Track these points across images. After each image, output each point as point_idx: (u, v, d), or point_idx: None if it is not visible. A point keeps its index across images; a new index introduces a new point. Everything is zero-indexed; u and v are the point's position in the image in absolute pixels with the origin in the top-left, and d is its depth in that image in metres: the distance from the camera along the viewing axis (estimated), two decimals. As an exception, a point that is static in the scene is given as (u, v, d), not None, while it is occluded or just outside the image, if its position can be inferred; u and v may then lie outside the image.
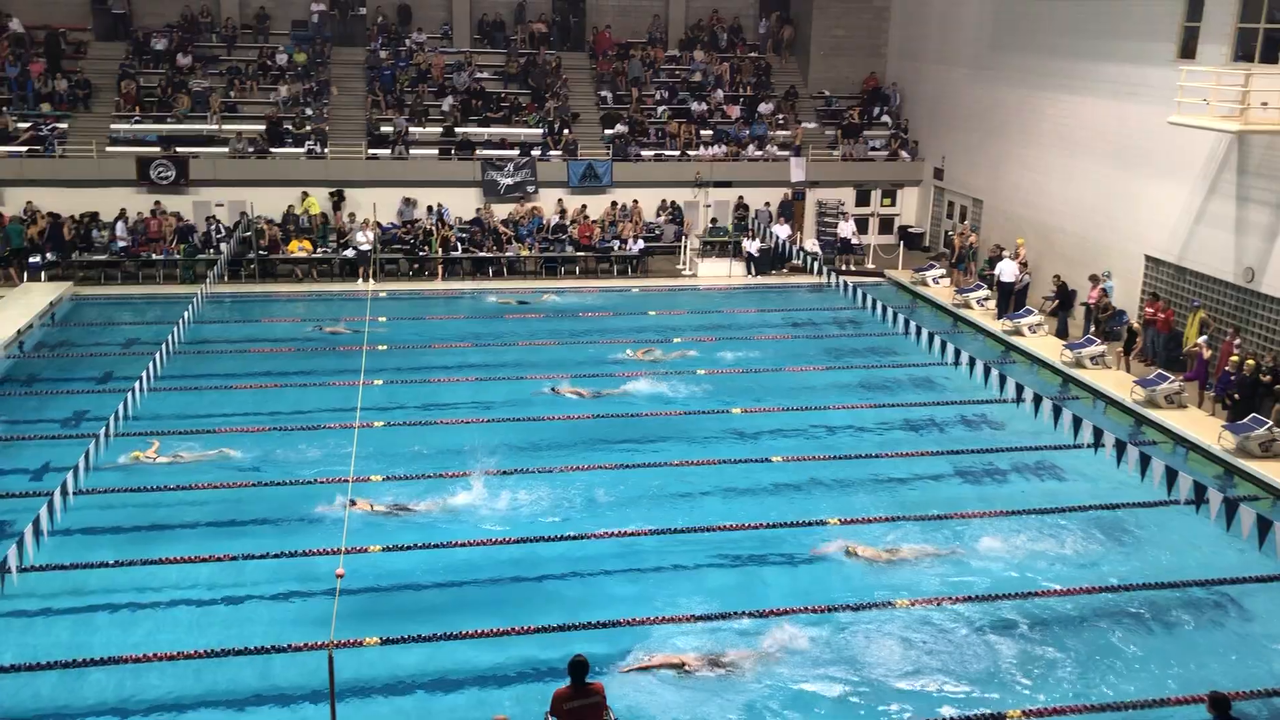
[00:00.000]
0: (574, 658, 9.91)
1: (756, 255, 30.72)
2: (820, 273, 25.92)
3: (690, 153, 33.49)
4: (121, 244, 28.57)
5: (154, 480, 16.53)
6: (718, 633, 12.97)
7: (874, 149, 34.79)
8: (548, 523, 15.69)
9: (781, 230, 30.89)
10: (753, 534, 15.41)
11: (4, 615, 12.50)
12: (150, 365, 17.16)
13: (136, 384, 16.45)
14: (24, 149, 30.15)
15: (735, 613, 13.29)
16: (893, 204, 34.90)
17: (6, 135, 30.29)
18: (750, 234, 31.41)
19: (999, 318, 25.68)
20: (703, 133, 34.33)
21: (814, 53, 36.96)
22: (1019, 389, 17.05)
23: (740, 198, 32.93)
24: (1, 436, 18.47)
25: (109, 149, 30.60)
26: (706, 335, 25.22)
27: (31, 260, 27.67)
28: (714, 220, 32.55)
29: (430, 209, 31.21)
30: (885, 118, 35.84)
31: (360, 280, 28.90)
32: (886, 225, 34.91)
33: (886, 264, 31.88)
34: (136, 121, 31.71)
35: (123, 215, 29.12)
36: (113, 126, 31.47)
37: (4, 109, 31.11)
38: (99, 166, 30.06)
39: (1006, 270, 26.05)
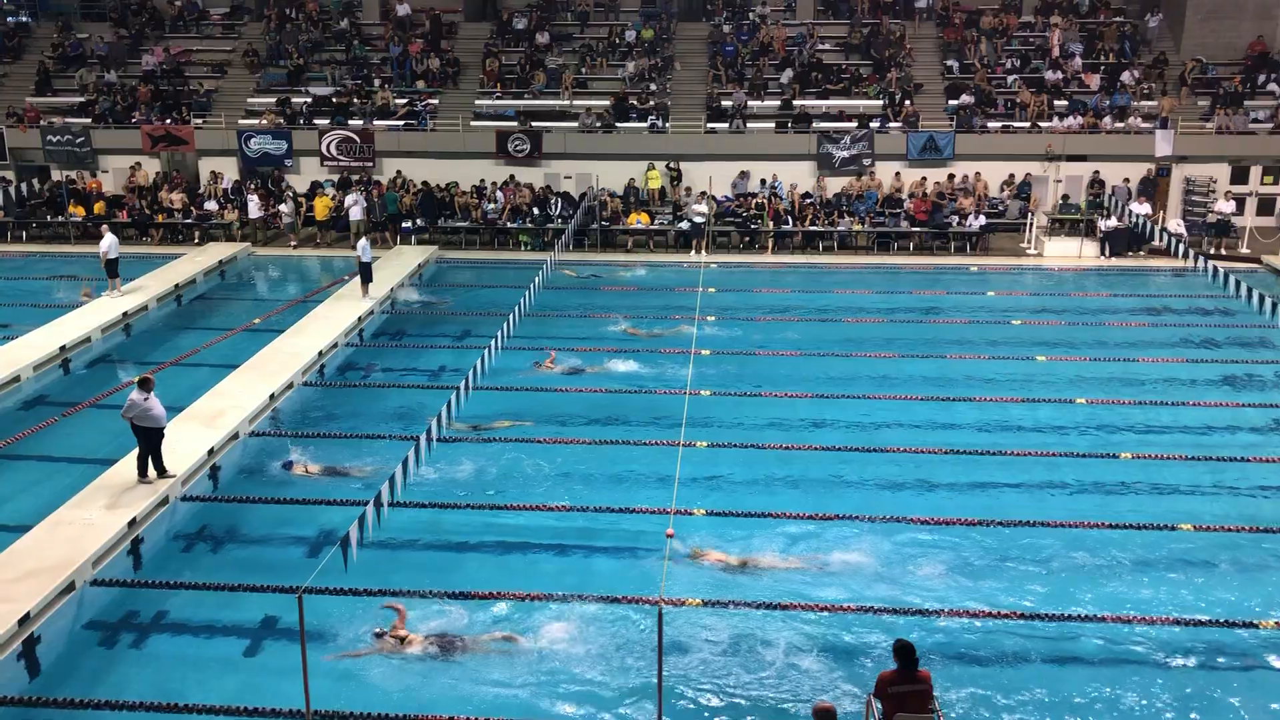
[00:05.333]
0: (899, 641, 9.68)
1: (1111, 235, 28.57)
2: (1185, 256, 23.71)
3: (1041, 124, 31.58)
4: (493, 213, 30.74)
5: (504, 432, 17.74)
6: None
7: (1256, 121, 31.30)
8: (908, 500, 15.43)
9: (1141, 208, 28.53)
10: (1104, 532, 14.42)
11: (376, 547, 13.81)
12: (504, 326, 18.41)
13: (492, 342, 17.66)
14: (401, 123, 33.13)
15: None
16: (1276, 182, 31.32)
17: (387, 110, 33.38)
18: (1105, 212, 29.25)
19: None
20: (1056, 103, 32.28)
21: (1190, 16, 33.69)
22: None
23: (1096, 173, 30.70)
24: (377, 384, 20.53)
25: (473, 123, 33.00)
26: (1050, 319, 23.82)
27: (404, 225, 30.41)
28: (1065, 196, 30.57)
29: (763, 182, 31.40)
30: (1272, 86, 32.13)
31: (693, 252, 29.55)
32: (1267, 206, 31.39)
33: (1265, 249, 28.68)
34: (497, 97, 33.98)
35: (505, 185, 31.49)
36: (476, 102, 33.93)
37: (386, 86, 34.28)
38: (463, 140, 32.52)
39: None
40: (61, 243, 30.72)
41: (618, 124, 32.71)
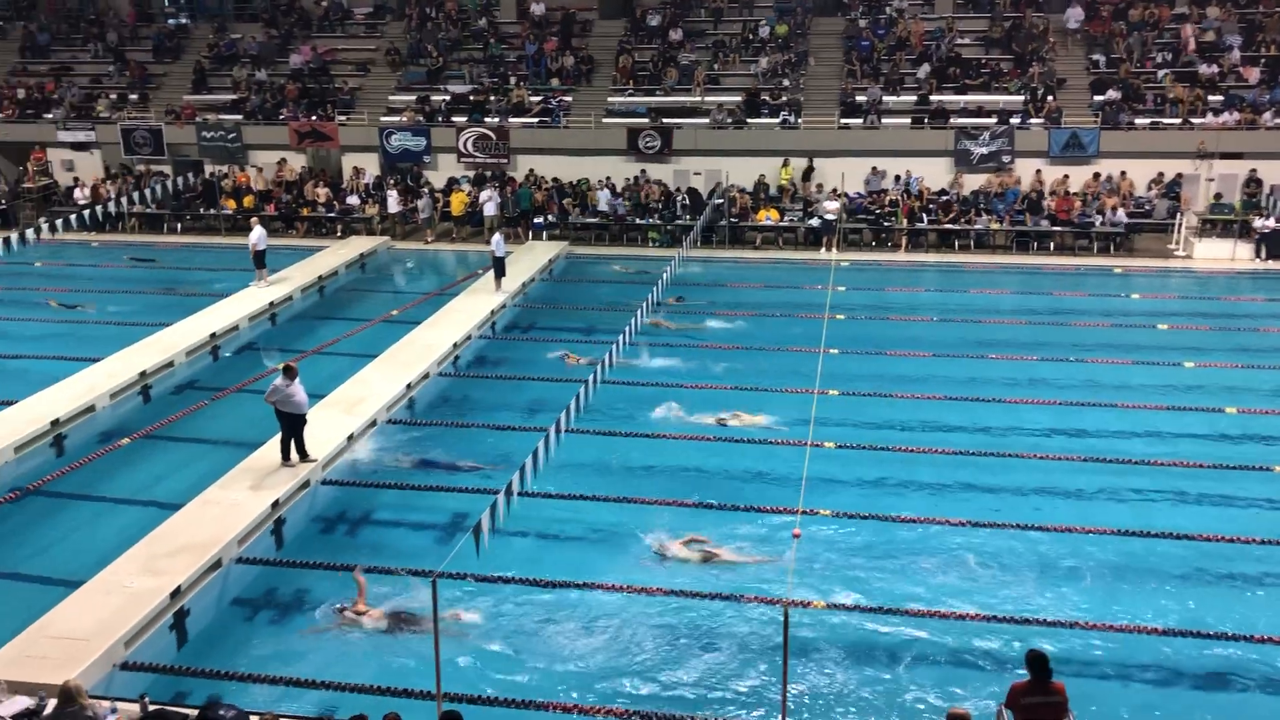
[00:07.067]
0: (1032, 651, 9.40)
1: (1269, 236, 27.15)
2: (1351, 260, 22.42)
3: (1194, 120, 30.19)
4: (622, 209, 31.00)
5: (632, 427, 17.84)
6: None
7: None
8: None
9: (1302, 209, 27.09)
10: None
11: (505, 534, 14.07)
12: (632, 321, 18.52)
13: (620, 337, 17.80)
14: (535, 120, 33.63)
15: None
16: None
17: (522, 108, 33.93)
18: (1264, 212, 27.81)
19: None
20: (1211, 98, 30.80)
21: (1362, 3, 31.79)
22: None
23: (1253, 171, 29.20)
24: (507, 376, 20.91)
25: (605, 120, 33.28)
26: (1199, 324, 22.81)
27: (536, 221, 30.90)
28: (1218, 196, 29.17)
29: (898, 179, 30.85)
30: None
31: (823, 249, 29.22)
32: None
33: None
34: (630, 94, 34.18)
35: (636, 180, 31.88)
36: (609, 99, 34.19)
37: (521, 83, 34.85)
38: (595, 137, 32.80)
39: None
40: (213, 234, 32.16)
41: (749, 120, 32.54)
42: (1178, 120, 30.37)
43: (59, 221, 26.68)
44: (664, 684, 11.44)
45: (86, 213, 27.88)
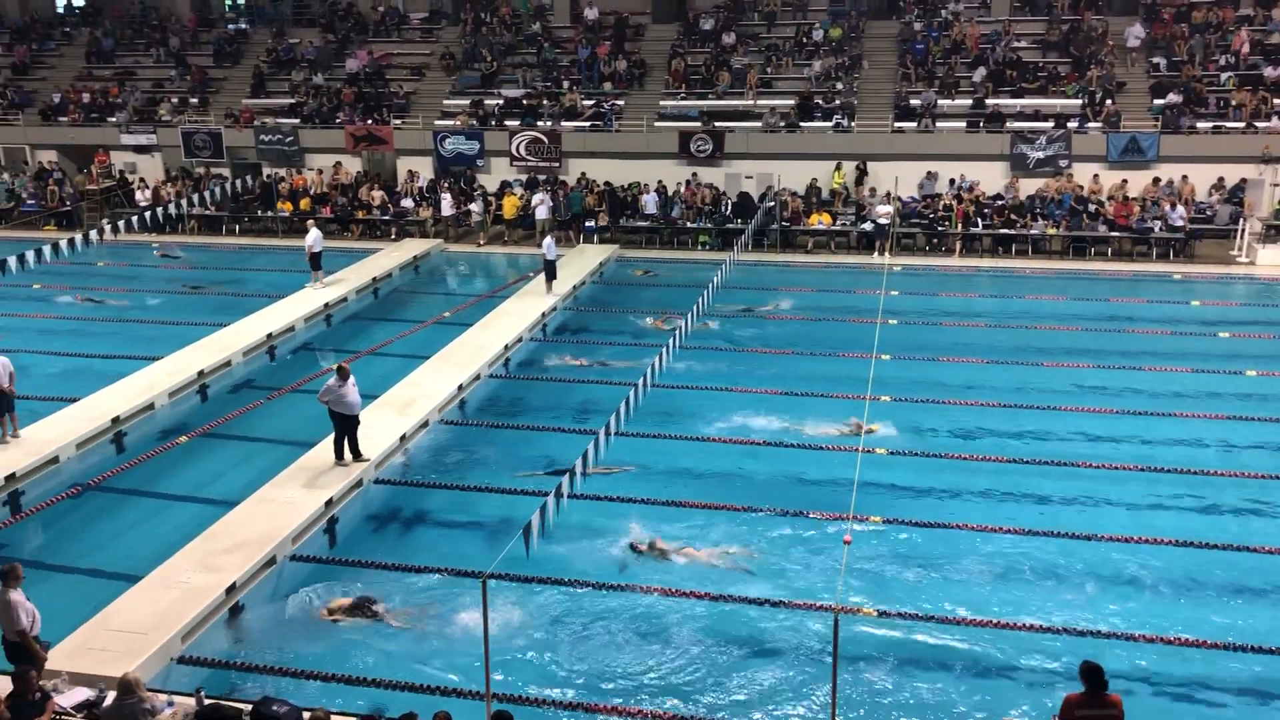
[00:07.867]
0: (1087, 664, 9.25)
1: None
2: None
3: (1258, 124, 29.57)
4: (676, 212, 30.97)
5: (684, 429, 17.83)
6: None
7: None
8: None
9: (1370, 215, 26.41)
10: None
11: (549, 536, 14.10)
12: (681, 325, 18.50)
13: (670, 341, 17.80)
14: (587, 124, 33.73)
15: None
16: None
17: (574, 112, 34.05)
18: (1328, 218, 27.21)
19: None
20: (1276, 102, 30.15)
21: None
22: None
23: (1320, 176, 28.60)
24: (556, 378, 20.98)
25: (657, 124, 33.29)
26: (1262, 332, 22.33)
27: (587, 224, 30.99)
28: (1282, 201, 28.59)
29: (952, 182, 30.55)
30: None
31: (875, 254, 29.00)
32: None
33: None
34: (682, 98, 34.18)
35: (687, 184, 31.83)
36: (661, 103, 34.21)
37: (574, 87, 34.98)
38: (647, 140, 32.84)
39: None
40: (270, 236, 32.63)
41: (801, 123, 32.39)
42: (1241, 124, 29.78)
43: (120, 223, 27.26)
44: (711, 689, 11.39)
45: (147, 214, 28.45)
